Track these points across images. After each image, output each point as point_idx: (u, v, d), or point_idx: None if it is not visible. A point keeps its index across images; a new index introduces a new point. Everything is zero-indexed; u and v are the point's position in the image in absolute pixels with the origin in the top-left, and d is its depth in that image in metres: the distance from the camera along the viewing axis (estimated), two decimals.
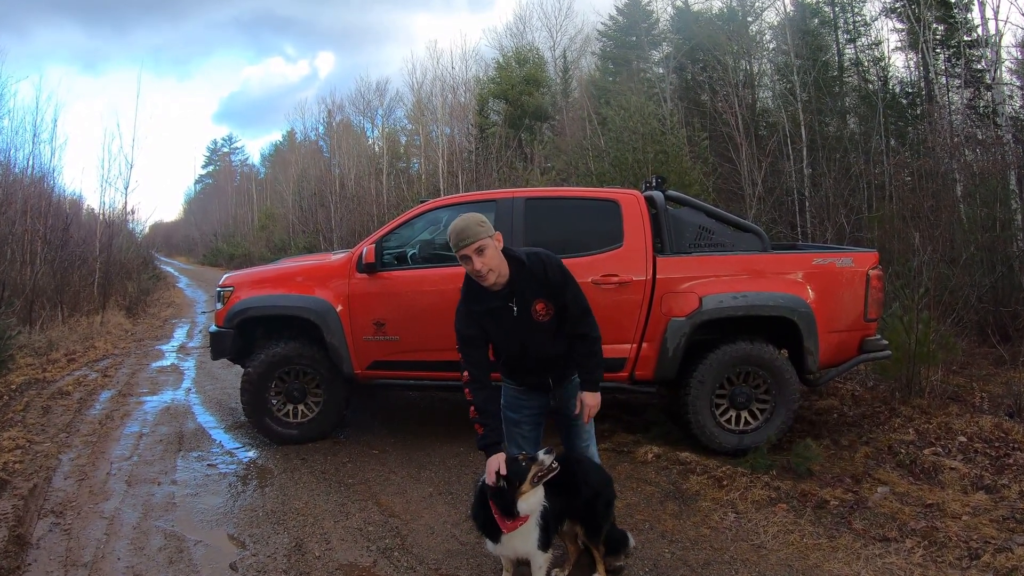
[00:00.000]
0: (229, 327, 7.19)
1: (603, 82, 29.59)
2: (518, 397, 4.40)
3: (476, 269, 3.88)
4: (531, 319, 4.05)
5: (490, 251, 3.89)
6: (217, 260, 47.16)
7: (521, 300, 4.03)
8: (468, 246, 3.85)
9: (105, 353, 13.05)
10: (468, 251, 3.86)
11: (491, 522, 3.92)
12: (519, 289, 4.01)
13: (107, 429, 7.99)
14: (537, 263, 4.04)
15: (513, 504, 3.84)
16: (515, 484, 3.84)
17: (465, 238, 3.85)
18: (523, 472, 3.87)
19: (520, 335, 4.10)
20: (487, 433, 4.03)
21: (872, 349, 6.82)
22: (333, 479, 6.29)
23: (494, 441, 4.02)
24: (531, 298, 4.03)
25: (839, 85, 20.94)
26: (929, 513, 5.22)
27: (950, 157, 14.34)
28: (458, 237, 3.87)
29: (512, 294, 4.02)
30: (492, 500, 3.88)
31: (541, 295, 4.04)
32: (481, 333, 4.10)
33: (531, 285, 4.02)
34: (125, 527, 5.33)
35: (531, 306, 4.03)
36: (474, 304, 4.08)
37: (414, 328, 6.80)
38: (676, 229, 6.92)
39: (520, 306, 4.03)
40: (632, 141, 16.18)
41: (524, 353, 4.19)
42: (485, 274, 3.90)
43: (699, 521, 5.27)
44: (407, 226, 7.17)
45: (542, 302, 4.04)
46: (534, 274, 4.01)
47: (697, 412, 6.57)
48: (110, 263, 19.03)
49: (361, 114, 41.16)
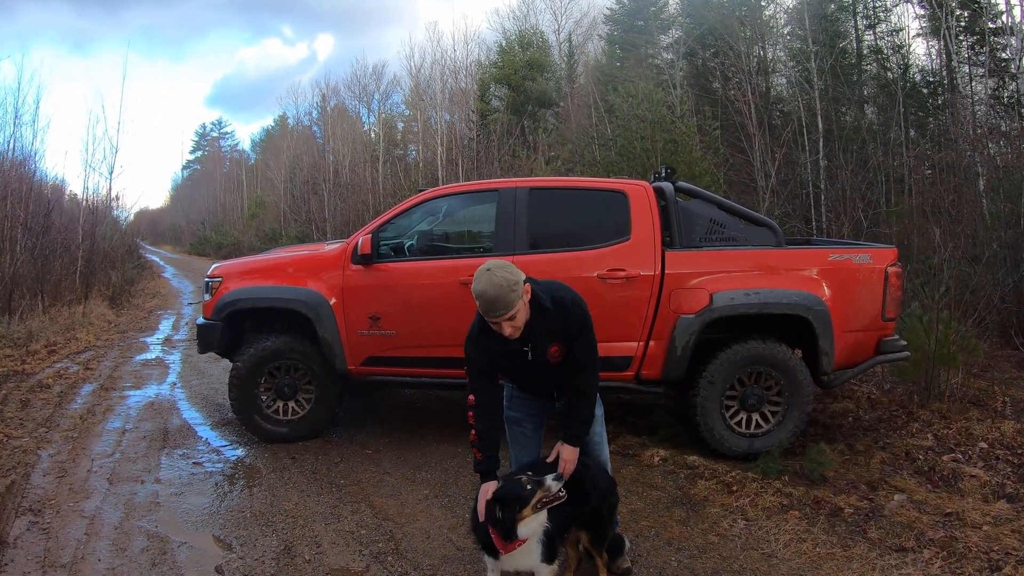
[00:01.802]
0: (217, 319, 7.18)
1: (610, 68, 29.51)
2: (521, 396, 4.40)
3: (505, 334, 3.86)
4: (546, 361, 4.07)
5: (520, 314, 3.84)
6: (205, 249, 47.15)
7: (537, 345, 4.04)
8: (499, 316, 3.78)
9: (87, 345, 13.05)
10: (498, 320, 3.80)
11: (488, 540, 3.90)
12: (537, 334, 4.01)
13: (88, 424, 7.99)
14: (559, 312, 4.00)
15: (512, 529, 3.79)
16: (515, 508, 3.78)
17: (497, 309, 3.75)
18: (526, 497, 3.80)
19: (532, 372, 4.16)
20: (484, 460, 4.05)
21: (890, 350, 6.80)
22: (324, 480, 6.28)
23: (490, 468, 4.03)
24: (547, 343, 4.04)
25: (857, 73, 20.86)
26: (948, 522, 5.20)
27: (972, 149, 14.31)
28: (489, 307, 3.76)
29: (529, 339, 4.01)
30: (489, 523, 3.85)
31: (557, 339, 4.04)
32: (490, 361, 4.10)
33: (549, 331, 4.02)
34: (106, 527, 5.32)
35: (546, 350, 4.04)
36: (488, 341, 4.04)
37: (411, 323, 6.79)
38: (686, 222, 6.89)
39: (535, 351, 4.04)
40: (640, 129, 16.15)
41: (533, 384, 4.30)
42: (510, 335, 3.88)
43: (707, 528, 5.26)
44: (404, 216, 7.16)
45: (556, 345, 4.05)
46: (555, 322, 4.01)
47: (706, 414, 6.55)
48: (93, 251, 19.04)
49: (357, 99, 41.08)
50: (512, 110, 28.52)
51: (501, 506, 3.79)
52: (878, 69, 20.74)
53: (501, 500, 3.80)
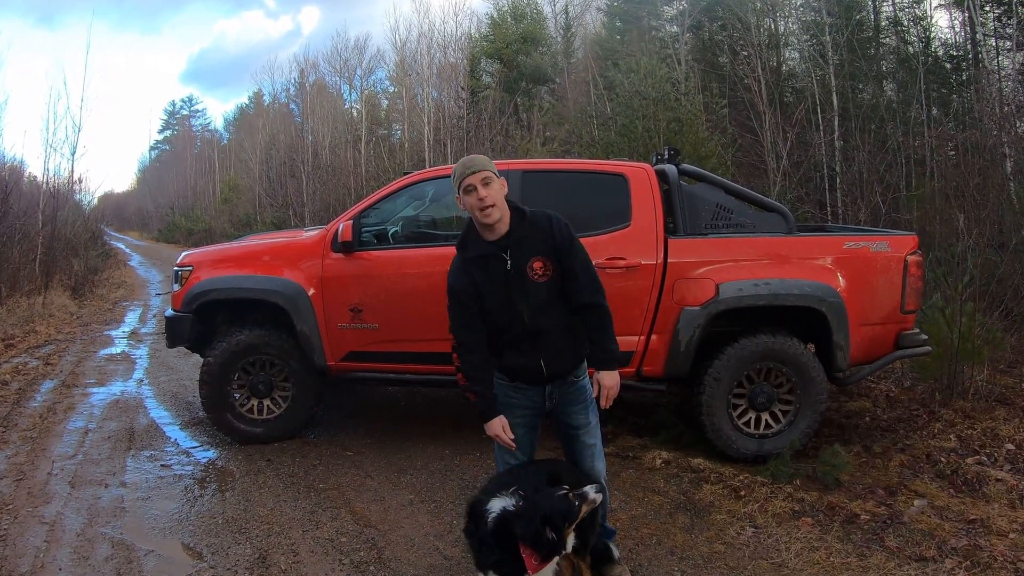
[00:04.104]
0: (187, 311, 7.16)
1: (610, 41, 29.40)
2: (509, 395, 4.32)
3: (480, 197, 3.94)
4: (525, 276, 4.05)
5: (495, 186, 3.99)
6: (174, 236, 47.16)
7: (517, 252, 4.04)
8: (475, 174, 3.96)
9: (48, 338, 13.02)
10: (474, 180, 3.95)
11: (509, 559, 3.78)
12: (516, 240, 4.05)
13: (49, 424, 7.97)
14: (542, 217, 4.11)
15: (561, 548, 3.78)
16: (564, 527, 3.76)
17: (472, 166, 3.99)
18: (575, 513, 3.82)
19: (512, 294, 4.08)
20: (480, 400, 4.14)
21: (909, 344, 6.80)
22: (302, 483, 6.27)
23: (490, 406, 4.14)
24: (528, 254, 4.05)
25: (875, 47, 20.83)
26: (972, 530, 5.21)
27: (999, 129, 14.31)
28: (464, 166, 4.02)
29: (508, 246, 4.04)
30: (526, 540, 3.75)
31: (541, 253, 4.06)
32: (473, 289, 4.09)
33: (530, 239, 4.05)
34: (68, 534, 5.31)
35: (527, 262, 4.04)
36: (468, 251, 4.14)
37: (395, 315, 6.78)
38: (691, 207, 6.89)
39: (515, 260, 4.04)
40: (642, 108, 16.13)
41: (514, 320, 4.13)
42: (488, 207, 3.96)
43: (713, 536, 5.26)
44: (388, 200, 7.14)
45: (540, 260, 4.06)
46: (537, 227, 4.07)
47: (712, 413, 6.56)
48: (54, 238, 18.97)
49: (338, 74, 40.94)
50: (505, 87, 28.52)
51: (552, 527, 3.73)
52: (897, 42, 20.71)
53: (550, 519, 3.74)
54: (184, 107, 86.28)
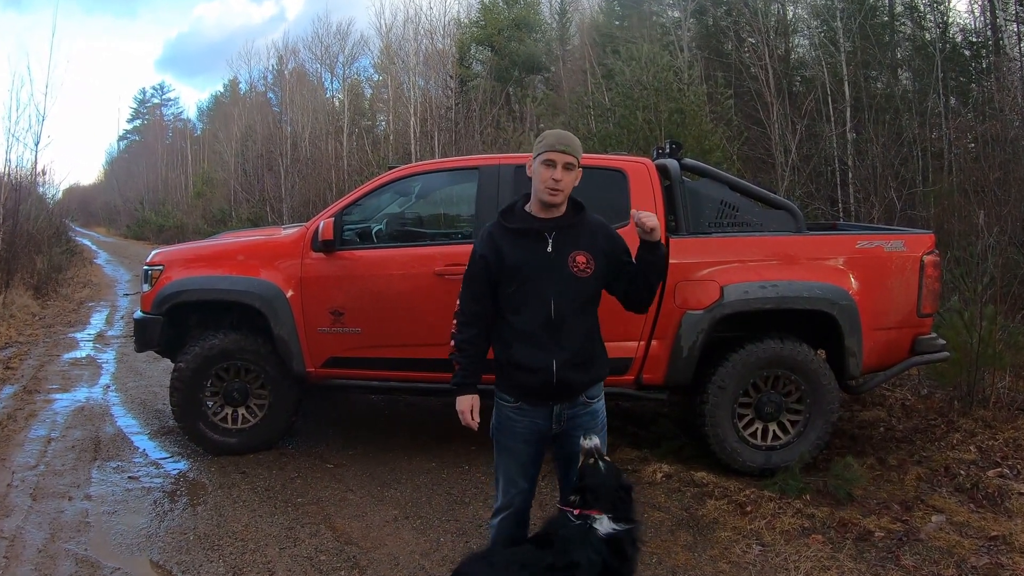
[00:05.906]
0: (158, 313, 7.14)
1: (608, 27, 29.46)
2: (512, 417, 4.15)
3: (556, 178, 3.92)
4: (565, 264, 3.99)
5: (573, 176, 3.99)
6: (144, 232, 47.25)
7: (561, 238, 4.01)
8: (562, 153, 3.92)
9: (8, 341, 12.99)
10: (559, 158, 3.92)
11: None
12: (566, 225, 4.03)
13: (8, 432, 7.96)
14: (600, 220, 4.15)
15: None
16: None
17: (564, 145, 3.94)
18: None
19: (544, 278, 4.01)
20: (461, 370, 4.11)
21: (926, 350, 6.81)
22: (279, 498, 6.27)
23: (467, 381, 4.11)
24: (574, 245, 4.02)
25: (890, 33, 20.85)
26: (993, 547, 5.22)
27: (1021, 120, 14.34)
28: (557, 138, 3.97)
29: (555, 228, 4.01)
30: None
31: (587, 248, 4.03)
32: (497, 260, 4.03)
33: (581, 232, 4.05)
34: (28, 550, 5.31)
35: (571, 253, 4.00)
36: (513, 221, 4.10)
37: (379, 319, 6.77)
38: (693, 205, 6.90)
39: (558, 245, 4.00)
40: (642, 98, 16.11)
41: (539, 306, 4.02)
42: (558, 190, 3.94)
43: (717, 554, 5.27)
44: (372, 196, 7.15)
45: (585, 256, 4.01)
46: (591, 224, 4.09)
47: (716, 424, 6.56)
48: (15, 233, 18.86)
49: (319, 61, 40.80)
50: (496, 75, 28.50)
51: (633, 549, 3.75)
52: (913, 29, 20.74)
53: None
54: (155, 95, 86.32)
